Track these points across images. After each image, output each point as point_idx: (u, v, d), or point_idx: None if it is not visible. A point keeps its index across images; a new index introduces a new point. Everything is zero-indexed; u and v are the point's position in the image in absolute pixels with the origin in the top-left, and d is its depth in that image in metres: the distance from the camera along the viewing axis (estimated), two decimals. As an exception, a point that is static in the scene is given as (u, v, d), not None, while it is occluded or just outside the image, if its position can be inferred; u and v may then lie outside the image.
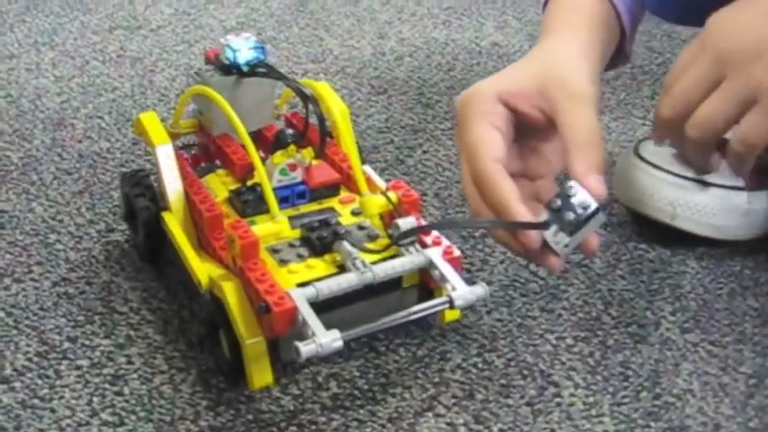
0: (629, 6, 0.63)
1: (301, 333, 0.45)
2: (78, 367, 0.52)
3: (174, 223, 0.53)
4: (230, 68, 0.56)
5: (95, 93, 0.83)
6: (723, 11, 0.55)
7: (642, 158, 0.64)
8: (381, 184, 0.57)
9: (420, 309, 0.50)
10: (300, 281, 0.48)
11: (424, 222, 0.54)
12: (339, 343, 0.45)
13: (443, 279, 0.50)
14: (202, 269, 0.51)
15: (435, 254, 0.50)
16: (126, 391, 0.51)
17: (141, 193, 0.58)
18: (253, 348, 0.47)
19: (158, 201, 0.57)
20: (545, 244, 0.47)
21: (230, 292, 0.47)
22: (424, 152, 0.75)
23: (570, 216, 0.47)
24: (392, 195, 0.53)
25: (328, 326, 0.45)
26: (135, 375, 0.52)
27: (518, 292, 0.59)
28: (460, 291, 0.49)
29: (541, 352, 0.54)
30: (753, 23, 0.53)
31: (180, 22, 0.99)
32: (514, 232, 0.48)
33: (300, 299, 0.46)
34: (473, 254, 0.62)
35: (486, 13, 1.05)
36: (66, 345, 0.54)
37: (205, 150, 0.60)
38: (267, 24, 1.01)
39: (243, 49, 0.56)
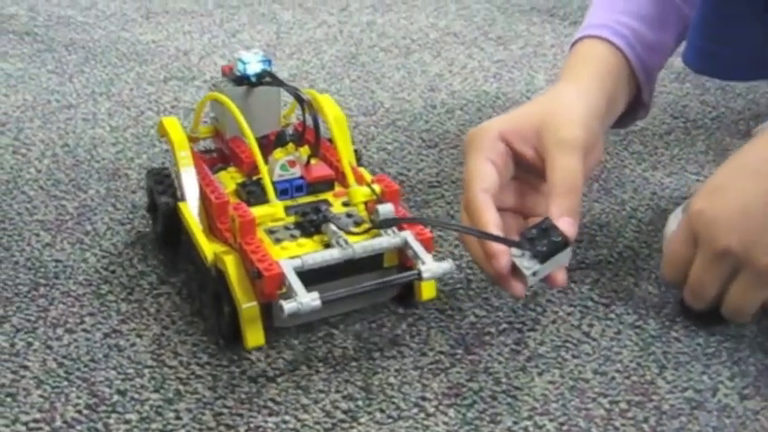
0: (641, 58, 0.66)
1: (288, 297, 0.52)
2: (127, 421, 0.52)
3: (189, 212, 0.61)
4: (241, 79, 0.64)
5: (149, 143, 0.85)
6: (702, 197, 0.56)
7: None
8: (369, 178, 0.62)
9: (393, 278, 0.56)
10: (290, 255, 0.55)
11: (402, 210, 0.60)
12: (317, 302, 0.51)
13: (416, 256, 0.56)
14: (209, 247, 0.58)
15: (410, 235, 0.57)
16: (174, 447, 0.51)
17: (162, 188, 0.65)
18: (248, 312, 0.55)
19: (176, 194, 0.64)
20: (514, 270, 0.52)
21: (230, 264, 0.55)
22: (475, 207, 0.75)
23: (542, 245, 0.52)
24: (376, 187, 0.60)
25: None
26: (183, 431, 0.52)
27: (570, 353, 0.58)
28: (428, 265, 0.55)
29: (594, 416, 0.53)
30: (737, 199, 0.55)
31: (233, 74, 1.01)
32: (489, 255, 0.53)
33: (288, 267, 0.53)
34: (525, 313, 0.62)
35: (536, 66, 1.05)
36: (116, 398, 0.54)
37: (221, 154, 0.68)
38: (318, 76, 1.02)
39: (252, 63, 0.63)
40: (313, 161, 0.62)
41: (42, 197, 0.75)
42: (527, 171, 0.58)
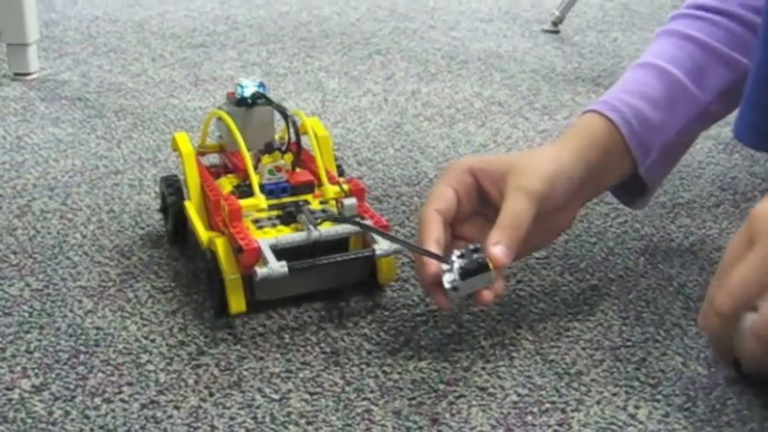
0: (638, 134, 0.69)
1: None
2: (161, 497, 0.51)
3: (192, 208, 0.73)
4: (240, 102, 0.75)
5: (194, 210, 0.85)
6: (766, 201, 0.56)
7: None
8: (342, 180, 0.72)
9: (352, 253, 0.68)
10: (268, 237, 0.67)
11: (366, 205, 0.70)
12: (285, 269, 0.63)
13: (373, 239, 0.67)
14: (205, 234, 0.70)
15: (368, 223, 0.67)
16: None
17: (171, 191, 0.77)
18: (232, 282, 0.66)
19: (183, 195, 0.76)
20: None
21: (220, 245, 0.67)
22: (518, 282, 0.74)
23: (465, 264, 0.59)
24: (345, 186, 0.70)
25: (291, 276, 0.63)
26: None
27: (616, 436, 0.56)
28: (381, 245, 0.66)
29: (641, 504, 0.51)
30: None
31: (278, 142, 1.02)
32: (420, 265, 0.61)
33: (264, 244, 0.65)
34: (568, 393, 0.60)
35: (582, 136, 1.04)
36: (151, 472, 0.53)
37: (224, 167, 0.78)
38: (363, 145, 1.02)
39: (249, 87, 0.74)
40: (298, 169, 0.73)
41: (86, 263, 0.76)
42: (492, 210, 0.63)
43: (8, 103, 1.14)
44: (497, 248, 0.60)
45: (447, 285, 0.59)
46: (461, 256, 0.59)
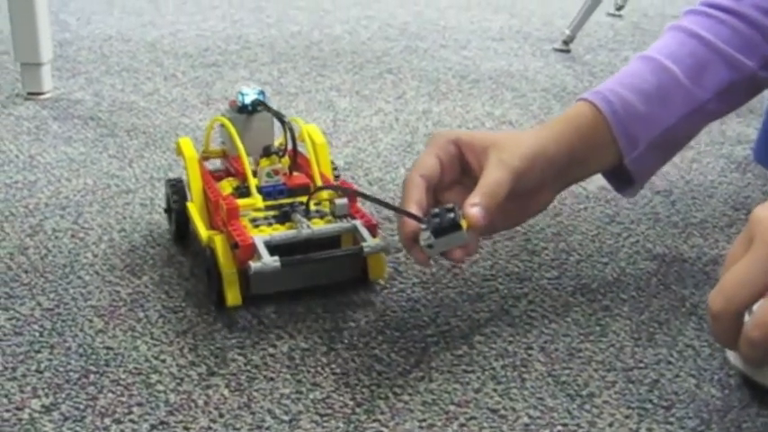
0: (623, 123, 0.71)
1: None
2: None
3: (194, 209, 0.77)
4: (242, 109, 0.78)
5: (205, 230, 0.85)
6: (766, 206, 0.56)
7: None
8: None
9: (340, 249, 0.72)
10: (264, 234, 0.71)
11: (357, 206, 0.74)
12: (277, 263, 0.66)
13: (362, 237, 0.70)
14: (205, 232, 0.73)
15: (358, 222, 0.72)
16: None
17: (176, 194, 0.81)
18: (229, 276, 0.70)
19: (185, 196, 0.80)
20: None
21: (218, 242, 0.71)
22: (530, 302, 0.73)
23: (438, 222, 0.62)
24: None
25: (285, 271, 0.68)
26: None
27: (629, 459, 0.56)
28: (369, 242, 0.70)
29: None
30: None
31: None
32: (400, 225, 0.65)
33: (259, 240, 0.68)
34: (580, 415, 0.60)
35: (593, 156, 1.04)
36: (160, 493, 0.53)
37: (226, 171, 0.82)
38: (374, 164, 1.02)
39: (249, 94, 0.78)
40: (295, 173, 0.77)
41: (97, 282, 0.76)
42: (473, 181, 0.66)
43: (21, 123, 1.15)
44: (474, 209, 0.63)
45: (422, 243, 0.63)
46: (436, 216, 0.63)
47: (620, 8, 1.91)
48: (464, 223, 0.63)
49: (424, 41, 1.62)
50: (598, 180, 0.97)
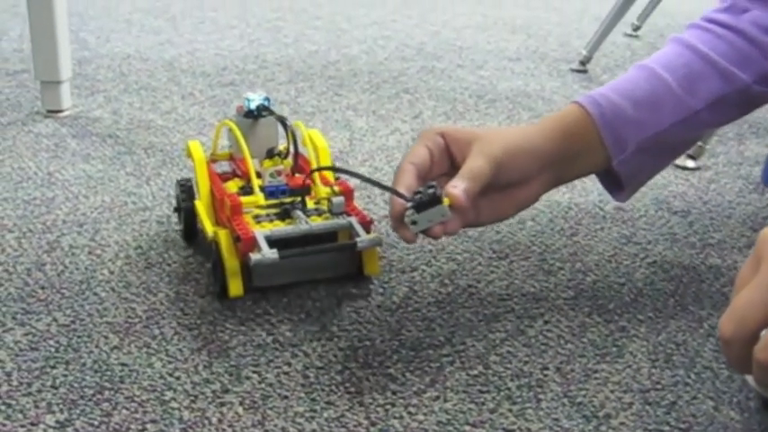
0: (612, 126, 0.73)
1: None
2: None
3: (201, 207, 0.82)
4: (248, 113, 0.82)
5: (221, 247, 0.85)
6: None
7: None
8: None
9: (337, 244, 0.76)
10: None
11: (353, 204, 0.78)
12: (276, 256, 0.71)
13: (356, 233, 0.74)
14: (211, 228, 0.78)
15: (354, 219, 0.76)
16: None
17: (185, 194, 0.86)
18: (231, 268, 0.74)
19: (194, 195, 0.86)
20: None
21: (222, 236, 0.76)
22: (546, 322, 0.73)
23: (419, 197, 0.65)
24: (336, 187, 0.78)
25: (284, 264, 0.73)
26: None
27: (646, 482, 0.55)
28: (362, 238, 0.74)
29: None
30: None
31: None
32: (392, 208, 0.67)
33: (259, 235, 0.73)
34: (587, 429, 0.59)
35: (610, 176, 1.04)
36: None
37: (233, 173, 0.86)
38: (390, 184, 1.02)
39: (255, 100, 0.82)
40: (297, 174, 0.80)
41: (113, 299, 0.76)
42: (457, 171, 0.69)
43: (40, 140, 1.16)
44: (455, 189, 0.66)
45: (407, 220, 0.66)
46: (418, 193, 0.66)
47: (636, 28, 1.91)
48: (446, 201, 0.65)
49: (440, 61, 1.63)
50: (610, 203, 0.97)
